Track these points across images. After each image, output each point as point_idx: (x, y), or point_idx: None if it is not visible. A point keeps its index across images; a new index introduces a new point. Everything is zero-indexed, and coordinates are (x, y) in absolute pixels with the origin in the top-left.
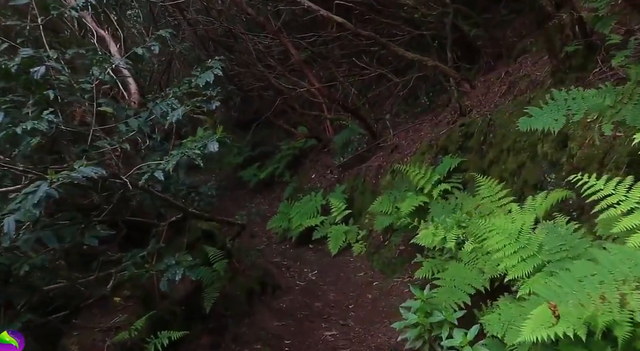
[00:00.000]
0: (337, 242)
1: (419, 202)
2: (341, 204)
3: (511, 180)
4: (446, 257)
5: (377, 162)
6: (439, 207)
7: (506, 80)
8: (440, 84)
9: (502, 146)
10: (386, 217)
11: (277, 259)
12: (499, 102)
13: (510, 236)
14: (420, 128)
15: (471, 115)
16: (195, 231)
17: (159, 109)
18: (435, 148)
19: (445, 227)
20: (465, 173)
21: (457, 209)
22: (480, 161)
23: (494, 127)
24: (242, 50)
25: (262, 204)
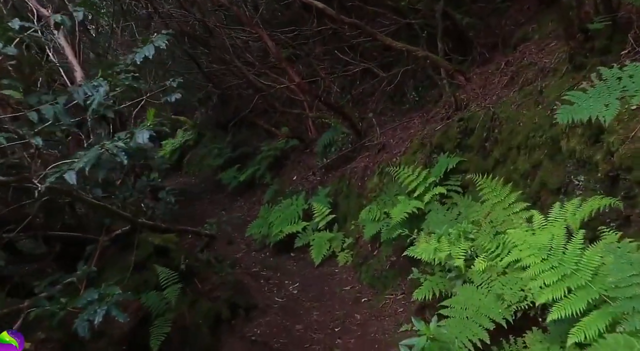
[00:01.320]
0: (320, 250)
1: (413, 207)
2: (324, 209)
3: (523, 183)
4: (451, 276)
5: (363, 163)
6: (438, 214)
7: (507, 71)
8: (430, 78)
9: (510, 143)
10: (375, 223)
11: (256, 269)
12: (502, 93)
13: (539, 252)
14: (409, 125)
15: (470, 109)
16: (145, 246)
17: (81, 92)
18: (429, 147)
19: (449, 240)
20: (465, 175)
21: (460, 218)
22: (483, 161)
23: (498, 122)
24: (218, 46)
25: (242, 208)
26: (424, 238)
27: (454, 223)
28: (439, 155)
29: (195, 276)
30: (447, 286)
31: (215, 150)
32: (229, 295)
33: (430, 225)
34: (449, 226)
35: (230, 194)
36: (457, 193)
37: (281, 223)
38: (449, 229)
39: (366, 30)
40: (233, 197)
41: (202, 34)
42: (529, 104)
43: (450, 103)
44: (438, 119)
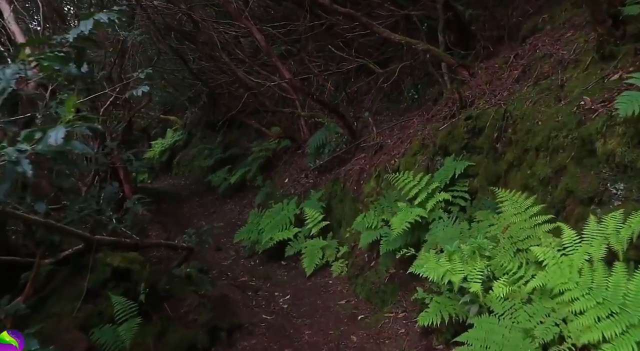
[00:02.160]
0: (312, 259)
1: (415, 217)
2: (317, 214)
3: (543, 190)
4: (465, 301)
5: (359, 165)
6: (445, 226)
7: (517, 64)
8: (430, 75)
9: (526, 144)
10: (372, 231)
11: (245, 278)
12: (514, 89)
13: (573, 278)
14: (408, 125)
15: (478, 106)
16: (102, 269)
17: None
18: (432, 148)
19: (461, 257)
20: (473, 180)
21: (472, 231)
22: (494, 164)
23: (512, 120)
24: (206, 41)
25: (232, 210)
26: (431, 255)
27: (465, 237)
28: (444, 158)
29: (167, 300)
30: (459, 311)
31: (206, 151)
32: (209, 317)
33: (436, 238)
34: (460, 241)
35: (220, 196)
36: (464, 200)
37: (271, 229)
38: (461, 245)
39: (362, 21)
40: (223, 199)
41: (189, 29)
42: (547, 100)
43: (454, 101)
44: (440, 118)
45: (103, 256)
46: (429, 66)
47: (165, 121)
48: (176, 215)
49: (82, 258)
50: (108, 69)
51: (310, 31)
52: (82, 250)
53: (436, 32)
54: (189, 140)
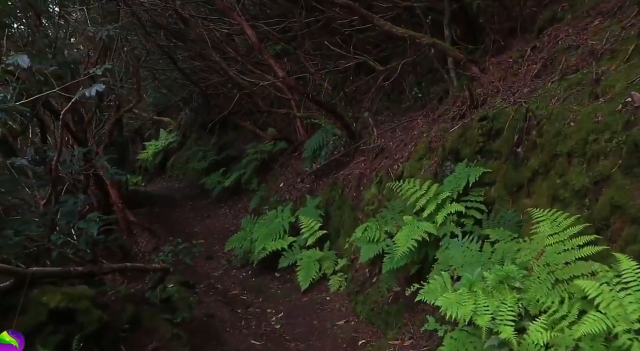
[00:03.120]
0: (308, 273)
1: (422, 233)
2: (314, 222)
3: (578, 204)
4: (491, 345)
5: (358, 169)
6: (462, 247)
7: (536, 58)
8: (434, 72)
9: (555, 148)
10: (373, 245)
11: (236, 291)
12: (534, 84)
13: None
14: (411, 126)
15: (493, 105)
16: (36, 310)
17: None
18: (441, 152)
19: (485, 289)
20: (490, 189)
21: (497, 254)
22: (515, 171)
23: (536, 120)
24: (196, 39)
25: (226, 215)
26: (445, 279)
27: (486, 260)
28: (455, 163)
29: (127, 340)
30: None
31: (200, 153)
32: None
33: (449, 258)
34: (482, 267)
35: (214, 200)
36: (480, 212)
37: (264, 238)
38: (484, 273)
39: (361, 13)
40: (217, 203)
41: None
42: (580, 97)
43: (464, 99)
44: (448, 118)
45: (39, 293)
46: (434, 62)
47: (159, 122)
48: (168, 220)
49: (12, 297)
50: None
51: (306, 28)
52: (10, 287)
53: (441, 25)
54: (183, 141)
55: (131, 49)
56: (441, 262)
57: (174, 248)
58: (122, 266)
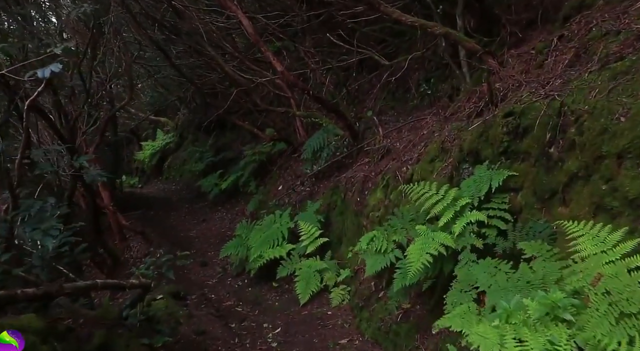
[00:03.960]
0: (308, 285)
1: (439, 246)
2: (314, 229)
3: (632, 216)
4: None
5: (362, 172)
6: (494, 269)
7: (565, 48)
8: (443, 68)
9: (600, 148)
10: (380, 257)
11: (230, 302)
12: (568, 76)
13: None
14: (420, 125)
15: (520, 99)
16: None
17: None
18: (457, 153)
19: (526, 321)
20: (516, 195)
21: (537, 275)
22: (547, 175)
23: (573, 116)
24: (190, 33)
25: (223, 219)
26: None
27: (524, 284)
28: (473, 166)
29: None
30: None
31: (197, 154)
32: None
33: (472, 276)
34: (519, 293)
35: (211, 203)
36: (505, 222)
37: (261, 245)
38: (523, 300)
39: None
40: (214, 206)
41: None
42: (630, 87)
43: (481, 95)
44: (463, 116)
45: None
46: (445, 56)
47: (157, 122)
48: (163, 224)
49: None
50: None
51: (307, 22)
52: None
53: (453, 16)
54: (181, 142)
55: (123, 44)
56: (461, 280)
57: (156, 260)
58: (90, 284)
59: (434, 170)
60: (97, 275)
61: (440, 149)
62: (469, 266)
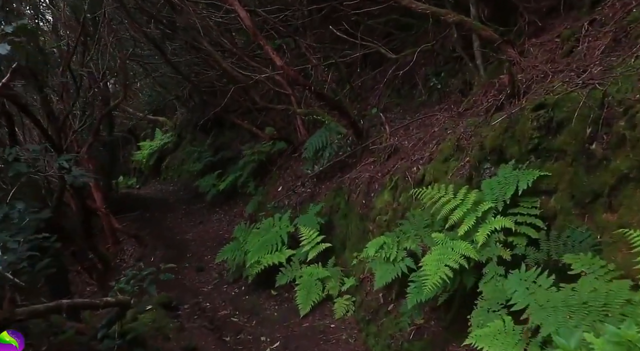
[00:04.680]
0: (309, 294)
1: (459, 257)
2: (315, 234)
3: None
4: None
5: (367, 172)
6: (532, 285)
7: (599, 33)
8: (454, 61)
9: None
10: (390, 266)
11: (226, 311)
12: (608, 63)
13: None
14: (430, 122)
15: (553, 89)
16: None
17: None
18: (477, 152)
19: None
20: (550, 198)
21: (598, 300)
22: (587, 175)
23: (621, 107)
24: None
25: (220, 221)
26: (506, 325)
27: (579, 307)
28: (496, 165)
29: None
30: None
31: (195, 154)
32: None
33: (503, 294)
34: (570, 316)
35: (209, 204)
36: (536, 230)
37: (259, 250)
38: (585, 334)
39: None
40: (212, 208)
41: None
42: None
43: (501, 87)
44: (481, 111)
45: None
46: (457, 47)
47: (155, 122)
48: (159, 226)
49: None
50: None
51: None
52: None
53: (466, 4)
54: (179, 142)
55: (118, 40)
56: (489, 298)
57: (137, 272)
58: (51, 307)
59: (448, 170)
60: (86, 280)
61: (455, 147)
62: (496, 282)
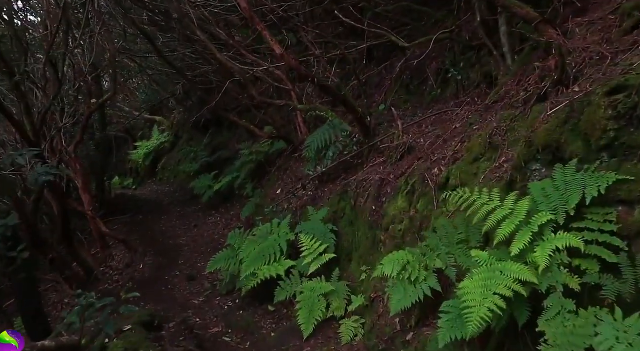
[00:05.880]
0: (312, 313)
1: (513, 283)
2: (318, 243)
3: None
4: None
5: (377, 174)
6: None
7: None
8: (471, 51)
9: None
10: (411, 288)
11: (217, 329)
12: None
13: None
14: (449, 117)
15: (631, 67)
16: None
17: None
18: (523, 149)
19: None
20: (632, 208)
21: None
22: None
23: None
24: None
25: (216, 224)
26: None
27: None
28: (549, 166)
29: None
30: None
31: (192, 154)
32: None
33: (574, 339)
34: None
35: (204, 206)
36: (614, 251)
37: (255, 260)
38: None
39: None
40: (208, 210)
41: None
42: None
43: (545, 73)
44: (517, 102)
45: None
46: (481, 33)
47: (152, 121)
48: (151, 230)
49: None
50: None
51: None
52: None
53: None
54: (176, 142)
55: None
56: (557, 344)
57: (93, 301)
58: None
59: (478, 172)
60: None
61: (488, 145)
62: (564, 320)
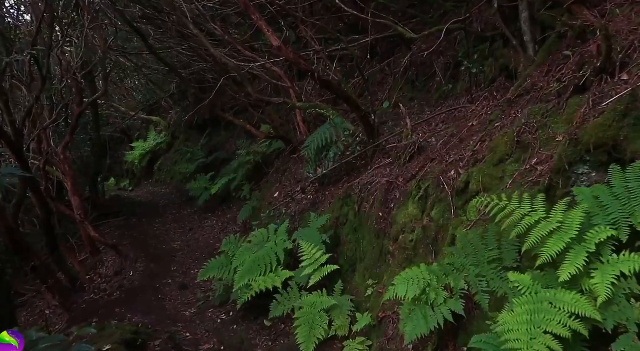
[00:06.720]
0: (312, 330)
1: (567, 318)
2: (319, 252)
3: None
4: None
5: (383, 177)
6: None
7: None
8: (484, 42)
9: None
10: (427, 312)
11: (208, 345)
12: None
13: None
14: (463, 115)
15: None
16: None
17: None
18: (565, 148)
19: None
20: None
21: None
22: None
23: None
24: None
25: (212, 228)
26: None
27: None
28: (599, 169)
29: None
30: None
31: (188, 155)
32: None
33: None
34: None
35: (200, 209)
36: None
37: (249, 270)
38: None
39: None
40: (204, 213)
41: None
42: None
43: (584, 60)
44: (549, 95)
45: None
46: (498, 21)
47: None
48: (144, 234)
49: None
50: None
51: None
52: None
53: None
54: (173, 142)
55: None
56: None
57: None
58: None
59: (505, 175)
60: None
61: (515, 144)
62: None
